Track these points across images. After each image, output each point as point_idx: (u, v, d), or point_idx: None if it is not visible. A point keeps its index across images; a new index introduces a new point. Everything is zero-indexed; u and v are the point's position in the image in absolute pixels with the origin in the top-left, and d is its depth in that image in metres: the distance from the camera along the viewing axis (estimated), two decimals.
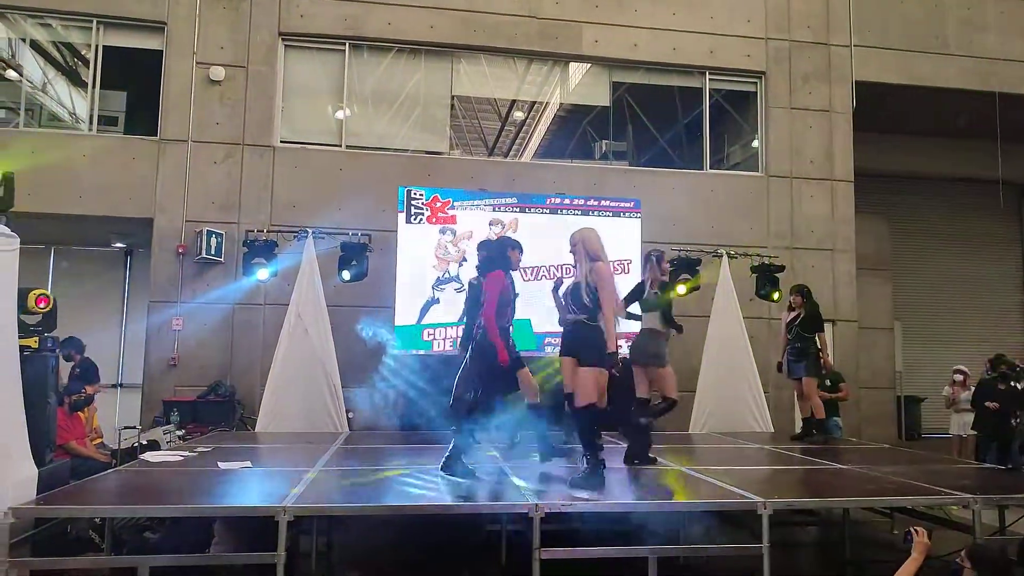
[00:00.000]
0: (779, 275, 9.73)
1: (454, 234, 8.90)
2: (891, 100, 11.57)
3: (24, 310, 5.10)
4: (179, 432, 7.96)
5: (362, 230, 9.08)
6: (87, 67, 9.92)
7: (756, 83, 11.15)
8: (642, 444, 5.91)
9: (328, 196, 9.70)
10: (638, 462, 5.80)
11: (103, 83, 9.82)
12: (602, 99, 11.01)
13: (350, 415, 8.58)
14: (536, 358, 8.08)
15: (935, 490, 4.95)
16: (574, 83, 11.22)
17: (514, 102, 11.51)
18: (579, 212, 9.20)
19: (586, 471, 4.88)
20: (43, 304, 5.28)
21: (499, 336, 5.14)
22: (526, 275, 8.21)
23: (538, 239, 8.18)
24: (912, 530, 3.75)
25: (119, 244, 11.24)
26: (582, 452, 5.06)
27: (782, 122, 11.01)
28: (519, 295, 5.77)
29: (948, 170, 13.64)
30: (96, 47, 9.78)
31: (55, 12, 9.75)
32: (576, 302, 4.97)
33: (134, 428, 7.96)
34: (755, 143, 11.23)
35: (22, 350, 4.81)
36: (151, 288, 9.51)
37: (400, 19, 10.21)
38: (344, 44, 10.21)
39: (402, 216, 8.83)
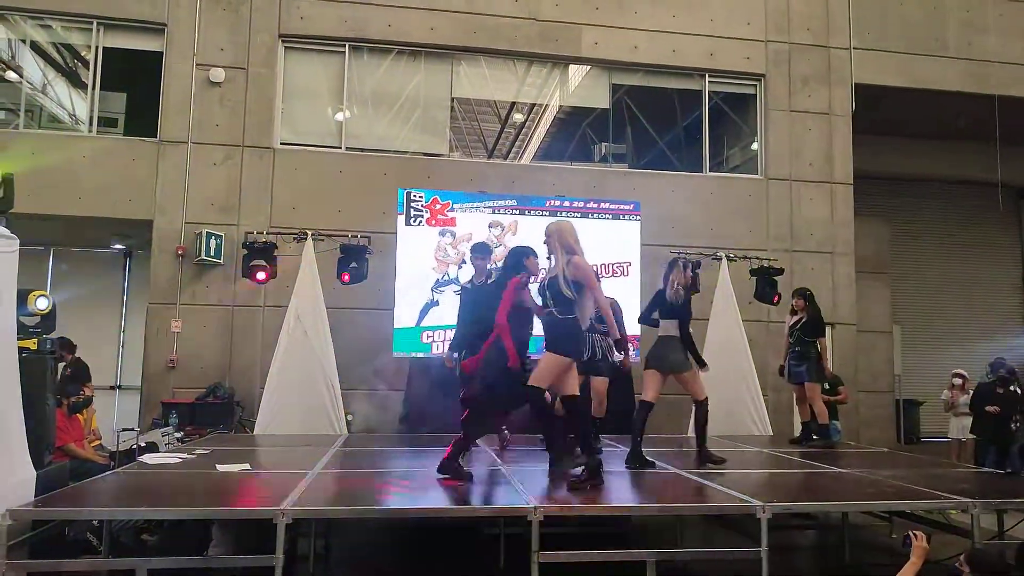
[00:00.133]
0: (778, 278, 9.73)
1: (454, 236, 8.90)
2: (890, 102, 11.57)
3: (24, 311, 5.10)
4: (178, 434, 7.96)
5: (361, 232, 9.06)
6: (87, 68, 9.92)
7: (756, 85, 11.16)
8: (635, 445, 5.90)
9: (328, 198, 9.71)
10: (638, 465, 5.79)
11: (103, 84, 9.83)
12: (602, 101, 11.01)
13: (349, 418, 8.58)
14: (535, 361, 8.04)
15: (934, 494, 4.95)
16: (574, 85, 11.22)
17: (514, 104, 11.51)
18: (579, 214, 9.19)
19: (583, 473, 4.89)
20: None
21: (509, 336, 5.09)
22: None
23: (537, 242, 8.14)
24: (911, 534, 3.74)
25: (118, 245, 11.24)
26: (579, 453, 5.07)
27: (782, 124, 11.01)
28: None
29: (947, 173, 13.65)
30: (96, 48, 9.79)
31: (55, 13, 9.76)
32: (556, 296, 4.91)
33: (133, 430, 7.94)
34: (754, 145, 11.24)
35: (21, 351, 4.80)
36: (150, 290, 9.52)
37: (400, 21, 10.22)
38: (344, 46, 10.22)
39: (401, 218, 8.83)
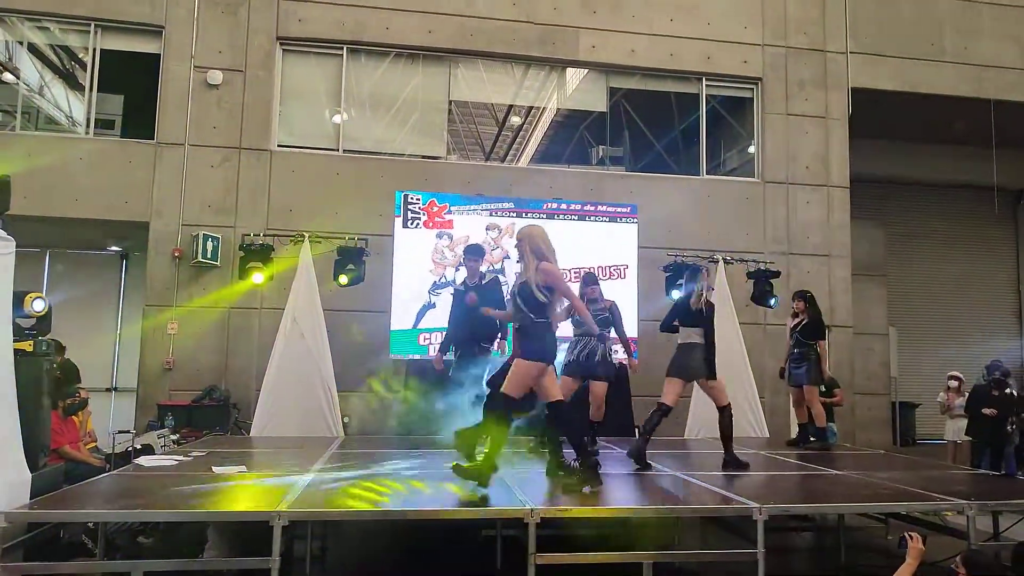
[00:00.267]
0: (775, 281, 9.75)
1: (451, 239, 8.91)
2: (887, 106, 11.61)
3: (20, 313, 5.09)
4: (174, 436, 7.93)
5: (359, 235, 9.06)
6: (84, 70, 9.92)
7: (753, 89, 11.19)
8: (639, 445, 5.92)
9: (325, 200, 9.70)
10: (637, 464, 5.81)
11: (100, 86, 9.83)
12: (599, 104, 11.04)
13: (346, 420, 8.57)
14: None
15: (930, 496, 4.95)
16: (571, 88, 11.24)
17: (511, 107, 11.52)
18: (576, 217, 9.22)
19: (580, 474, 4.90)
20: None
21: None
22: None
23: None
24: (907, 535, 3.75)
25: (115, 247, 11.23)
26: (573, 457, 5.07)
27: (778, 128, 11.04)
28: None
29: (943, 176, 13.71)
30: (93, 50, 9.78)
31: (53, 15, 9.76)
32: (527, 301, 4.85)
33: (128, 432, 7.90)
34: (751, 149, 11.26)
35: (17, 353, 4.79)
36: (146, 292, 9.50)
37: (398, 24, 10.23)
38: (342, 49, 10.22)
39: (399, 221, 8.84)
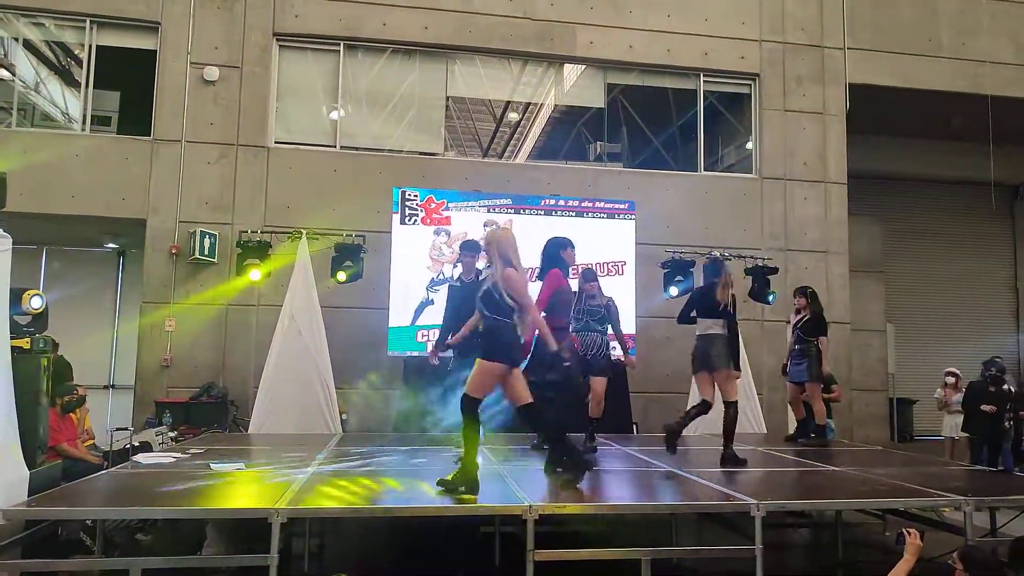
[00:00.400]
0: (772, 277, 9.75)
1: (448, 235, 8.90)
2: (884, 102, 11.62)
3: (17, 311, 5.08)
4: (172, 433, 7.93)
5: (356, 231, 9.05)
6: (80, 67, 9.88)
7: (750, 85, 11.18)
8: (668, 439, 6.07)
9: (322, 197, 9.69)
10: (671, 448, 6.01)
11: (96, 83, 9.79)
12: (597, 101, 11.03)
13: (344, 417, 8.56)
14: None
15: (927, 492, 4.96)
16: (569, 84, 11.22)
17: (509, 103, 11.51)
18: (573, 213, 9.21)
19: (569, 471, 4.96)
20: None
21: (544, 326, 5.07)
22: None
23: (532, 241, 8.15)
24: (904, 531, 3.76)
25: (112, 244, 11.20)
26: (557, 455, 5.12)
27: (776, 124, 11.04)
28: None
29: (940, 172, 13.73)
30: (89, 47, 9.75)
31: (48, 11, 9.72)
32: (489, 305, 4.76)
33: (126, 429, 7.89)
34: (749, 145, 11.26)
35: (14, 351, 4.78)
36: (144, 289, 9.48)
37: (395, 20, 10.21)
38: (339, 45, 10.20)
39: (396, 217, 8.83)
